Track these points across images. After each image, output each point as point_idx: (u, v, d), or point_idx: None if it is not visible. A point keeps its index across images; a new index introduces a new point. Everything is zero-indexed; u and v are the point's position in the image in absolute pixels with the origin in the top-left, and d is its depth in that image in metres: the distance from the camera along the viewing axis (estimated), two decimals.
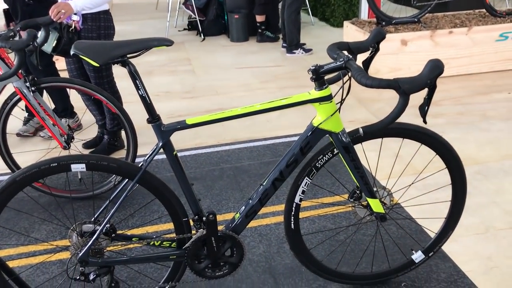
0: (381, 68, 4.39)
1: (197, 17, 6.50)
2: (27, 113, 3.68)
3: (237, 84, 4.69)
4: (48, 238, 2.50)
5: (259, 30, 6.19)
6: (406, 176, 2.59)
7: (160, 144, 1.66)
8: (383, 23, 4.60)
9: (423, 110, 1.50)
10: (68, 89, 3.25)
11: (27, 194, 2.65)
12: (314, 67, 1.62)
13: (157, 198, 1.74)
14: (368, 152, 3.07)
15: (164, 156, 1.67)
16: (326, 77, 1.66)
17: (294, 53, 5.55)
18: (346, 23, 4.95)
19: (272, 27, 6.27)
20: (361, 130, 1.70)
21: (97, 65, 1.44)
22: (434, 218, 2.45)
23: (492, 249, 2.29)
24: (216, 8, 6.57)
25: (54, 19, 2.58)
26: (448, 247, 2.29)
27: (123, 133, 2.91)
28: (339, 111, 1.71)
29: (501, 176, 2.90)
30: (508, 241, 2.34)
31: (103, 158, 1.64)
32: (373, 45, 1.79)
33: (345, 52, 1.70)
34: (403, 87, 1.41)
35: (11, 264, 2.30)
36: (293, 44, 5.52)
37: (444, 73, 4.70)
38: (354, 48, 1.76)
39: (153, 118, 1.63)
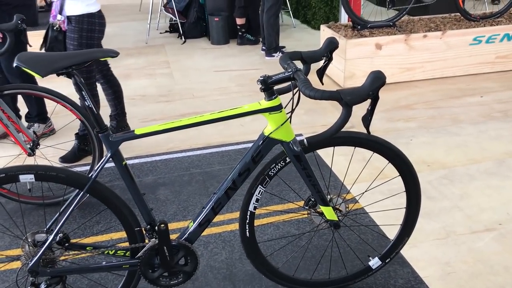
0: (355, 72, 4.42)
1: (178, 19, 6.50)
2: None
3: (213, 88, 4.70)
4: (11, 246, 2.48)
5: (240, 33, 6.20)
6: (376, 181, 2.60)
7: (109, 154, 1.66)
8: (359, 26, 4.62)
9: (367, 120, 1.51)
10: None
11: None
12: (262, 78, 1.63)
13: (108, 208, 1.74)
14: (338, 157, 3.12)
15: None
16: (276, 87, 1.68)
17: (273, 56, 5.56)
18: (322, 26, 4.97)
19: (253, 30, 6.28)
20: (305, 140, 1.71)
21: (39, 77, 1.44)
22: (392, 224, 2.47)
23: (451, 254, 2.32)
24: (197, 11, 6.57)
25: None
26: (408, 253, 2.32)
27: None
28: (290, 121, 1.72)
29: (466, 181, 2.93)
30: (467, 246, 2.37)
31: (52, 168, 1.64)
32: (326, 54, 1.81)
33: (298, 62, 1.72)
34: (345, 99, 1.42)
35: None
36: (272, 48, 5.53)
37: (419, 77, 4.75)
38: (307, 58, 1.77)
39: (101, 128, 1.63)
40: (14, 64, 1.45)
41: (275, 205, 2.76)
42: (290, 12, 7.15)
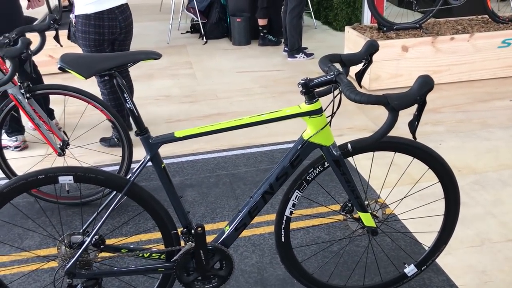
0: (381, 74, 4.37)
1: (199, 20, 6.50)
2: None
3: (236, 89, 4.68)
4: (42, 245, 2.49)
5: (261, 34, 6.18)
6: (403, 186, 2.57)
7: (148, 157, 1.64)
8: (384, 28, 4.57)
9: (413, 126, 1.48)
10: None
11: (14, 206, 2.65)
12: (304, 81, 1.60)
13: (145, 210, 1.73)
14: (367, 161, 3.08)
15: (149, 163, 1.65)
16: (316, 90, 1.65)
17: (296, 57, 5.53)
18: (347, 28, 4.92)
19: (275, 31, 6.25)
20: (349, 145, 1.68)
21: (83, 78, 1.43)
22: (426, 232, 2.43)
23: (487, 262, 2.27)
24: (218, 11, 6.56)
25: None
26: (442, 260, 2.27)
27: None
28: (330, 125, 1.70)
29: (498, 187, 2.87)
30: (503, 254, 2.32)
31: (91, 170, 1.63)
32: (366, 57, 1.77)
33: (338, 65, 1.69)
34: (392, 104, 1.39)
35: (4, 271, 2.31)
36: (295, 49, 5.50)
37: (446, 80, 4.68)
38: (346, 60, 1.74)
39: (141, 131, 1.62)
40: (58, 65, 1.45)
41: (308, 209, 2.73)
42: (312, 13, 7.11)
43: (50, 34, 2.67)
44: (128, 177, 1.68)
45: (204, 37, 6.52)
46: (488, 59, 4.53)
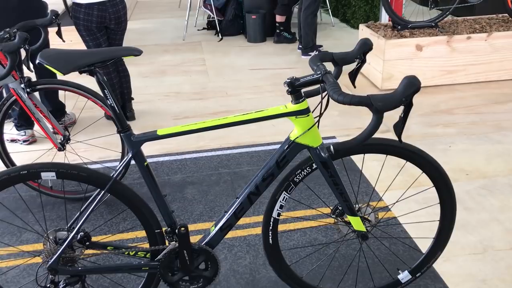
0: (394, 73, 4.28)
1: (215, 16, 6.48)
2: None
3: (247, 86, 4.65)
4: (28, 241, 2.50)
5: (277, 31, 6.11)
6: (409, 190, 2.48)
7: (130, 154, 1.63)
8: (399, 26, 4.46)
9: (398, 128, 1.42)
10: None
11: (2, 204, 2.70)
12: (289, 80, 1.56)
13: (129, 208, 1.72)
14: (371, 162, 3.01)
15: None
16: (305, 89, 1.61)
17: (310, 55, 5.46)
18: (361, 26, 4.83)
19: (290, 28, 6.19)
20: (331, 147, 1.63)
21: (61, 74, 1.42)
22: (422, 238, 2.35)
23: (488, 270, 2.18)
24: (234, 8, 6.53)
25: None
26: (441, 267, 2.20)
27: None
28: (318, 126, 1.65)
29: (507, 192, 2.76)
30: (506, 262, 2.23)
31: (73, 167, 1.62)
32: (359, 56, 1.71)
33: (329, 64, 1.64)
34: (376, 105, 1.34)
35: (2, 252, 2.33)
36: (309, 47, 5.43)
37: (461, 80, 4.55)
38: (339, 59, 1.69)
39: (123, 128, 1.60)
40: (37, 61, 1.44)
41: (301, 211, 2.68)
42: (329, 10, 7.02)
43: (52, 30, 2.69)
44: (112, 174, 1.66)
45: (219, 34, 6.51)
46: (506, 59, 4.38)
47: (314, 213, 2.63)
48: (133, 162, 1.64)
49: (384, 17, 5.52)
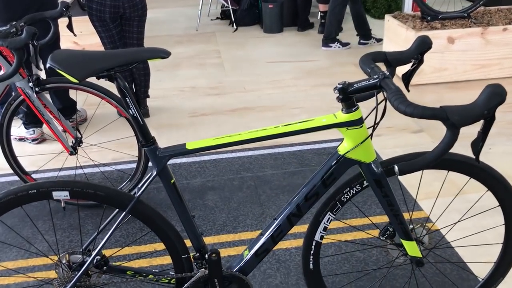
0: (424, 67, 4.01)
1: (230, 6, 6.22)
2: None
3: (266, 80, 4.40)
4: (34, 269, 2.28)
5: (322, 21, 5.73)
6: (456, 203, 2.24)
7: (155, 171, 1.41)
8: (429, 17, 4.19)
9: (477, 146, 1.20)
10: None
11: (4, 223, 2.49)
12: (341, 85, 1.32)
13: (152, 231, 1.50)
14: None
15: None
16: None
17: (331, 47, 5.19)
18: (387, 16, 4.56)
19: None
20: (396, 168, 1.39)
21: (76, 81, 1.20)
22: (480, 262, 2.12)
23: None
24: None
25: None
26: None
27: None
28: (371, 138, 1.42)
29: None
30: None
31: (89, 186, 1.41)
32: (416, 56, 1.49)
33: (382, 65, 1.41)
34: (452, 119, 1.11)
35: (7, 280, 2.13)
36: (330, 37, 5.16)
37: (495, 74, 4.26)
38: (393, 60, 1.46)
39: (147, 141, 1.38)
40: (47, 65, 1.22)
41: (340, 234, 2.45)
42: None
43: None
44: (132, 192, 1.45)
45: (234, 24, 6.25)
46: None
47: (358, 235, 2.39)
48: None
49: (408, 7, 5.23)
